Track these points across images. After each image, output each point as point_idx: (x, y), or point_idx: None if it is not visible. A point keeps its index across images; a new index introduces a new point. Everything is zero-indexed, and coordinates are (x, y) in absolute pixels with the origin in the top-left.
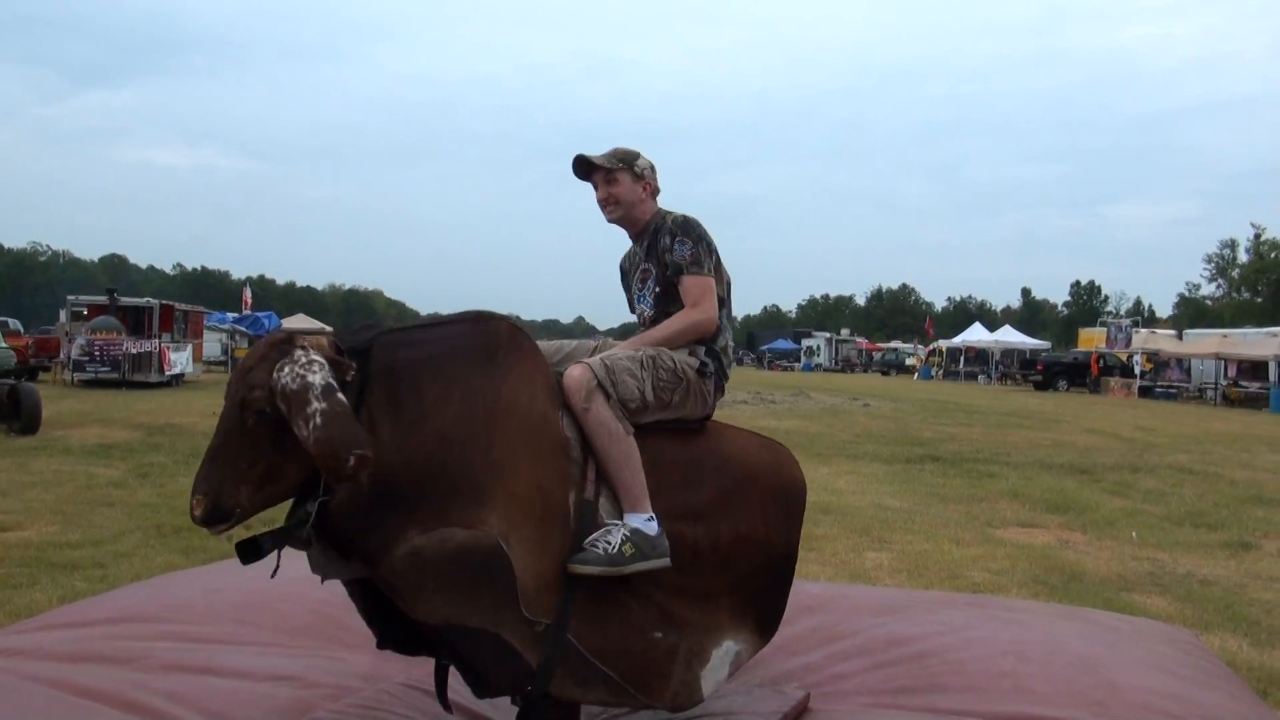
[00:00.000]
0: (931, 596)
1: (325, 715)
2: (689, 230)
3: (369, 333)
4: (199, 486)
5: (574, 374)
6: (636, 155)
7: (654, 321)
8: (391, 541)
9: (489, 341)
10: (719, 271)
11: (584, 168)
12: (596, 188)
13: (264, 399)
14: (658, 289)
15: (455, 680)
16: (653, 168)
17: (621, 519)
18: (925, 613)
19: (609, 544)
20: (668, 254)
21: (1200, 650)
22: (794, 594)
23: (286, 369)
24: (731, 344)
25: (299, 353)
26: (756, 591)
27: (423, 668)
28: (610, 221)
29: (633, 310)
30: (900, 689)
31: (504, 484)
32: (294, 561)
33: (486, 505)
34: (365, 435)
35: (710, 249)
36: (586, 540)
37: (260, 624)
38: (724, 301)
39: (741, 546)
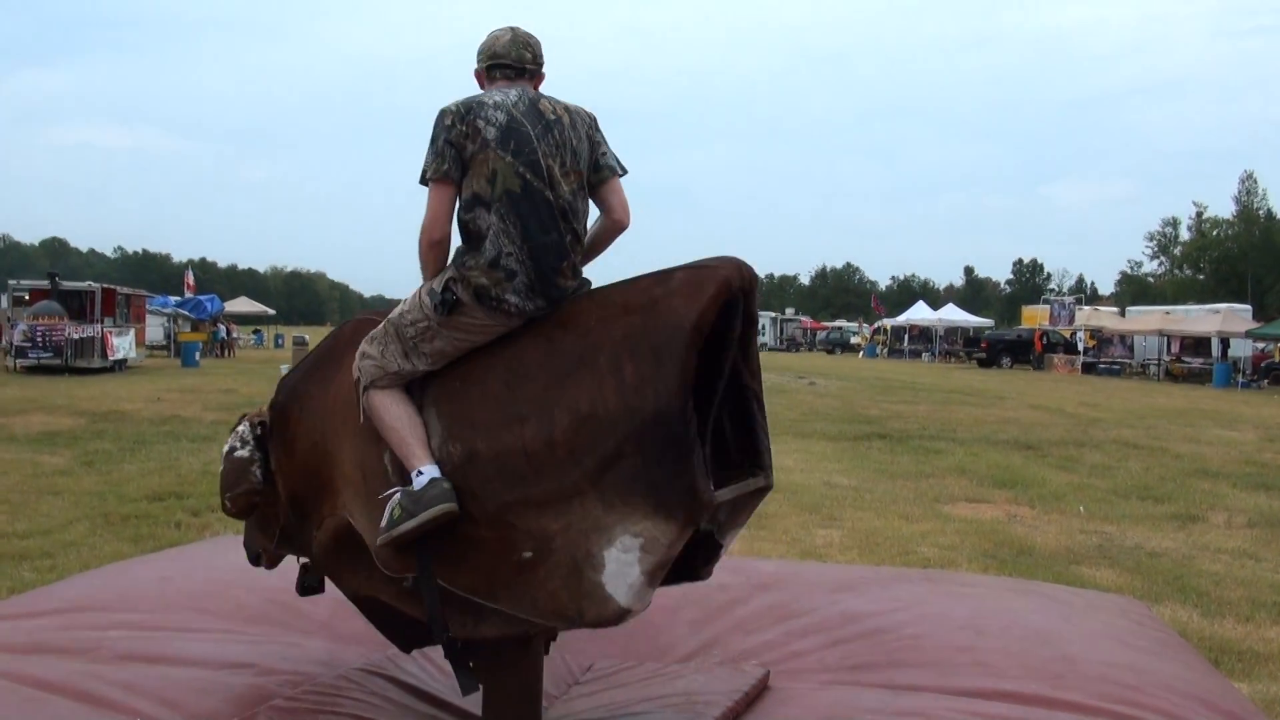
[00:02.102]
0: (886, 572)
1: (283, 702)
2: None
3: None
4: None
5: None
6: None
7: None
8: (308, 545)
9: (335, 346)
10: (461, 164)
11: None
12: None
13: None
14: None
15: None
16: (480, 51)
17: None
18: (880, 589)
19: (386, 513)
20: None
21: (1153, 621)
22: (748, 571)
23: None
24: (510, 249)
25: (238, 425)
26: (633, 471)
27: (381, 653)
28: None
29: None
30: (858, 665)
31: (337, 469)
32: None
33: (335, 491)
34: (244, 479)
35: (436, 146)
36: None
37: (215, 611)
38: (481, 198)
39: (586, 429)
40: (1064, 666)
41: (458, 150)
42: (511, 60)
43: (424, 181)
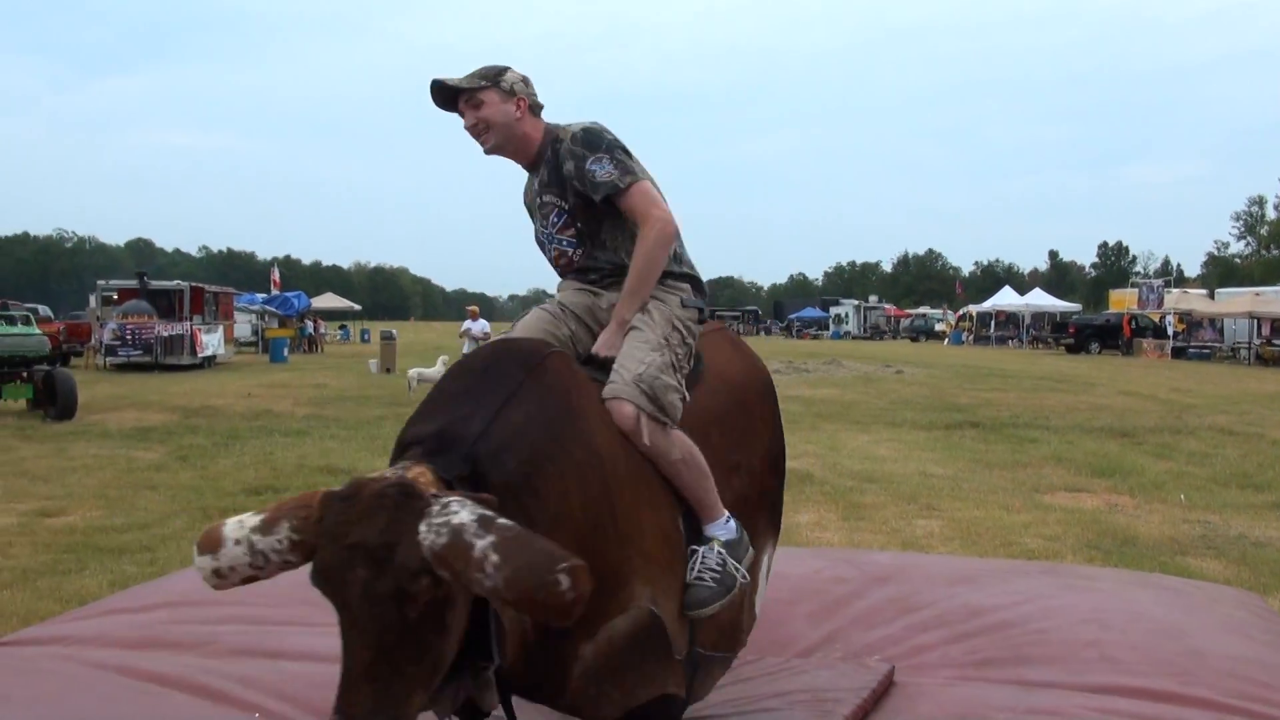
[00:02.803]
0: (1003, 565)
1: None
2: (595, 143)
3: (454, 448)
4: None
5: (623, 414)
6: (504, 69)
7: (583, 266)
8: (565, 667)
9: (559, 393)
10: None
11: (444, 95)
12: (463, 116)
13: (431, 585)
14: (578, 224)
15: None
16: (526, 81)
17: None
18: (999, 582)
19: (713, 571)
20: (579, 181)
21: (1271, 614)
22: (862, 564)
23: (424, 529)
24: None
25: (431, 504)
26: (774, 502)
27: None
28: (489, 153)
29: (543, 251)
30: (985, 660)
31: (637, 547)
32: None
33: (630, 578)
34: (558, 547)
35: (627, 150)
36: (689, 579)
37: (325, 604)
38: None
39: (765, 468)
40: (1192, 661)
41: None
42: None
43: (623, 189)
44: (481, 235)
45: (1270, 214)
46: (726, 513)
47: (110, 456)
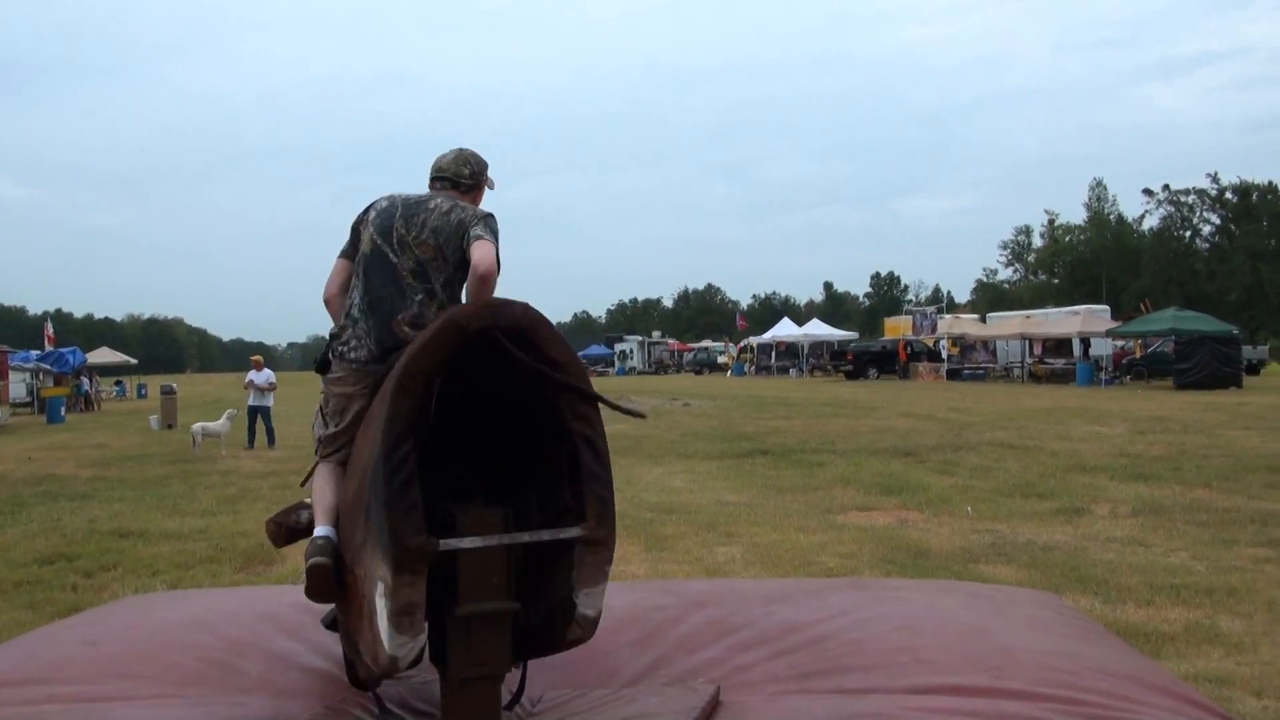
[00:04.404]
0: (814, 583)
1: None
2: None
3: None
4: None
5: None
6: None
7: None
8: None
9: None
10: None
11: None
12: None
13: None
14: None
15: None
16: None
17: None
18: (812, 598)
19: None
20: None
21: (1071, 611)
22: (680, 591)
23: None
24: (357, 314)
25: None
26: (377, 518)
27: (329, 700)
28: None
29: None
30: (806, 674)
31: None
32: (170, 608)
33: None
34: None
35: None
36: None
37: (149, 675)
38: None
39: (364, 480)
40: (1002, 658)
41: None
42: (449, 174)
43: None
44: (257, 283)
45: (1037, 241)
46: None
47: None
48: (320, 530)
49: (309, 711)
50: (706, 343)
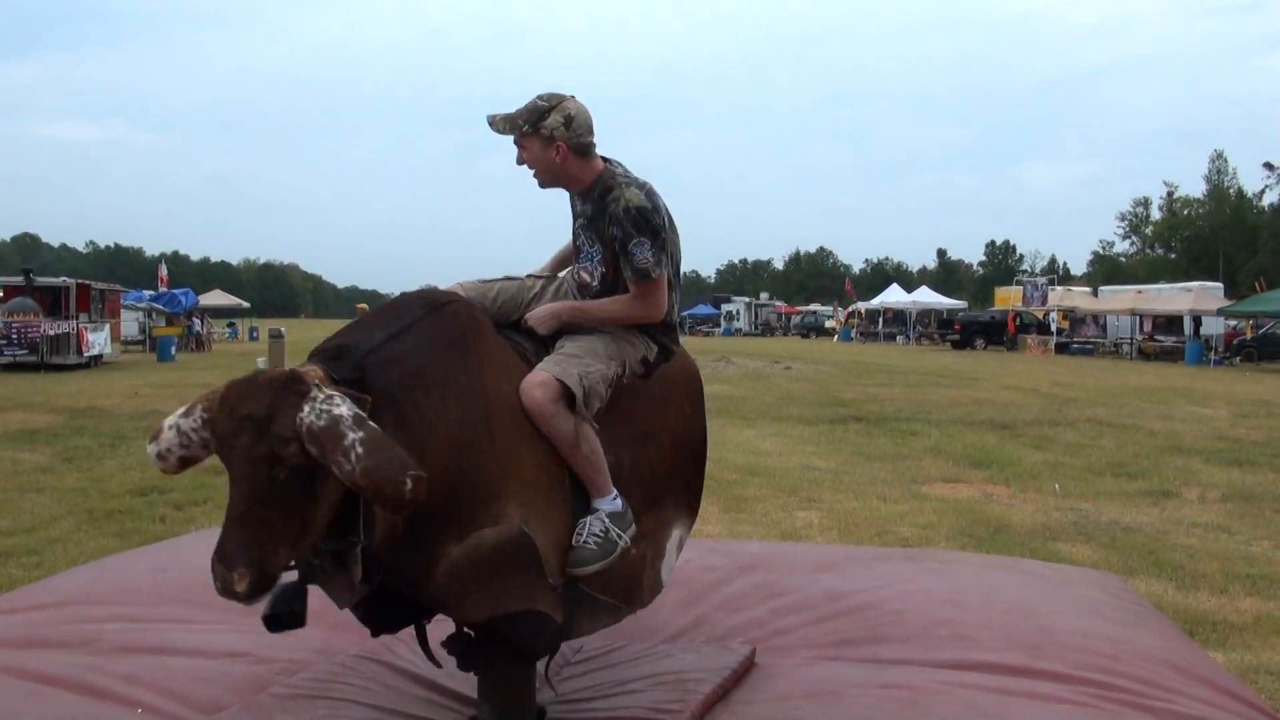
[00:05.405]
0: (867, 552)
1: (283, 689)
2: (643, 225)
3: (347, 356)
4: (237, 559)
5: (535, 396)
6: (546, 112)
7: (597, 295)
8: (432, 562)
9: (454, 330)
10: (673, 255)
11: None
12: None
13: (299, 453)
14: (604, 270)
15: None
16: (568, 122)
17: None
18: (862, 568)
19: (596, 536)
20: (621, 249)
21: (1129, 594)
22: (733, 553)
23: (308, 409)
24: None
25: (315, 391)
26: (688, 481)
27: (376, 640)
28: (541, 188)
29: (575, 258)
30: (843, 641)
31: (514, 472)
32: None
33: (503, 497)
34: (409, 456)
35: (664, 241)
36: (574, 540)
37: (209, 603)
38: (673, 285)
39: (678, 449)
40: (1042, 638)
41: (668, 238)
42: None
43: (651, 279)
44: (373, 232)
45: (1155, 214)
46: (615, 491)
47: None
48: (611, 501)
49: (358, 645)
50: (814, 306)
